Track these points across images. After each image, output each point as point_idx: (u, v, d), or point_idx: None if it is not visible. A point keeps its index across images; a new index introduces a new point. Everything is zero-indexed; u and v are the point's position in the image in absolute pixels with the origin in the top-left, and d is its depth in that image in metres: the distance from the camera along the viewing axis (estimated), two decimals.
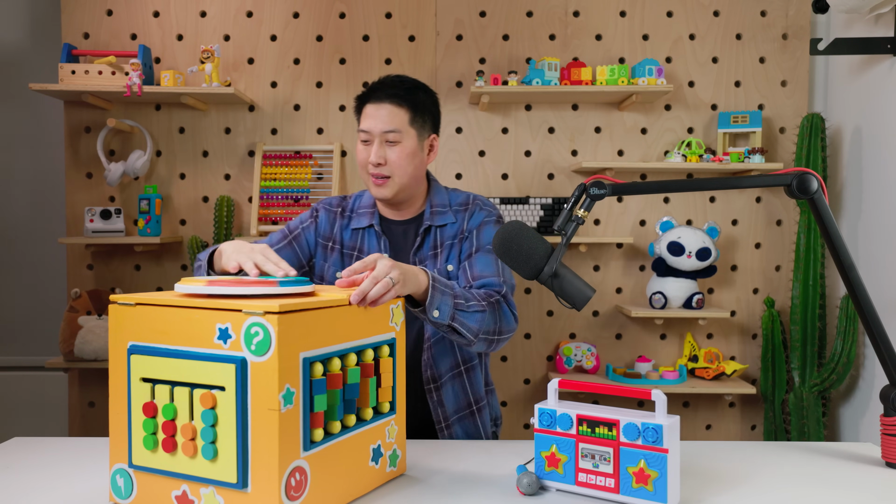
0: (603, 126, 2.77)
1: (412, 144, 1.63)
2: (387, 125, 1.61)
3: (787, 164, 2.73)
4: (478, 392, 1.69)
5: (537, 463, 1.14)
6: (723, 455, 1.35)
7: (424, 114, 1.67)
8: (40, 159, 3.15)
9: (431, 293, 1.33)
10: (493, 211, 1.70)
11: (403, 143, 1.62)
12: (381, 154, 1.61)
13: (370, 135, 1.62)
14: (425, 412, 1.66)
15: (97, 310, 2.65)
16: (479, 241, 1.64)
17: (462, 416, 1.66)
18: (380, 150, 1.61)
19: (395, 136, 1.61)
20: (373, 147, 1.62)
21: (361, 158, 1.64)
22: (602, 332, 2.80)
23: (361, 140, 1.65)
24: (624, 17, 2.76)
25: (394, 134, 1.61)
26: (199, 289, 1.05)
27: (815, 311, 2.59)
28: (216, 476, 0.99)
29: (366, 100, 1.66)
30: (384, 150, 1.61)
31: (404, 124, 1.62)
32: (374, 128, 1.62)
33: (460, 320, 1.39)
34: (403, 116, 1.63)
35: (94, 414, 2.79)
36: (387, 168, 1.62)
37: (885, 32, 2.31)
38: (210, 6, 2.76)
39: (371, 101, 1.64)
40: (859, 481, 1.22)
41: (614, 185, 1.30)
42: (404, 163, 1.62)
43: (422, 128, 1.66)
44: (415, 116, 1.64)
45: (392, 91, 1.63)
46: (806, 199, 1.27)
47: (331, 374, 1.06)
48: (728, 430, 2.81)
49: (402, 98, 1.63)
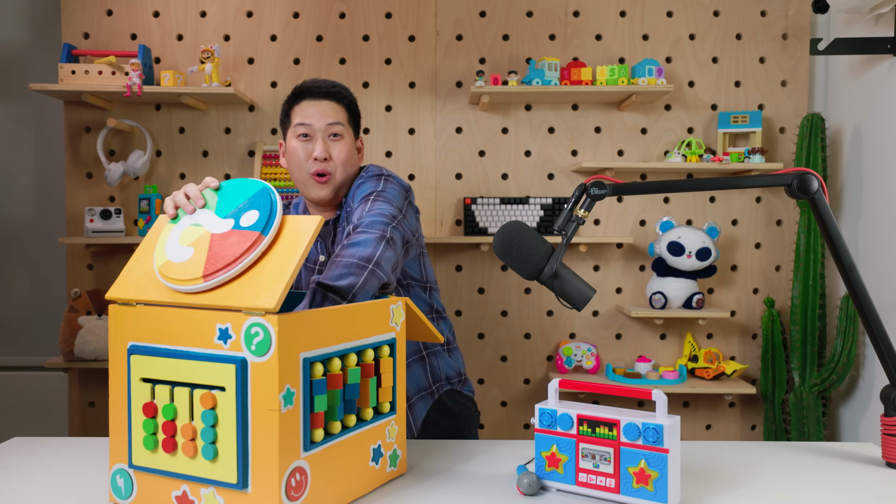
0: (603, 126, 2.77)
1: (350, 142, 1.64)
2: (331, 118, 1.60)
3: (787, 164, 2.73)
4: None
5: (537, 463, 1.14)
6: (723, 455, 1.35)
7: (356, 115, 1.68)
8: (40, 159, 3.15)
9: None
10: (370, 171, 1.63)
11: (345, 138, 1.62)
12: (327, 149, 1.59)
13: (311, 129, 1.60)
14: None
15: (97, 310, 2.65)
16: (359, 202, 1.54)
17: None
18: (324, 144, 1.59)
19: (340, 130, 1.61)
20: (315, 142, 1.60)
21: (301, 155, 1.60)
22: (602, 332, 2.80)
23: (299, 135, 1.61)
24: (624, 17, 2.76)
25: (339, 127, 1.61)
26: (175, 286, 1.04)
27: (815, 311, 2.59)
28: (216, 476, 0.99)
29: (301, 97, 1.63)
30: (328, 146, 1.60)
31: (345, 120, 1.63)
32: (317, 121, 1.60)
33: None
34: (343, 114, 1.63)
35: (94, 414, 2.79)
36: (331, 164, 1.60)
37: (885, 32, 2.31)
38: (210, 6, 2.76)
39: (308, 98, 1.62)
40: (859, 481, 1.22)
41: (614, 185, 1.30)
42: (346, 159, 1.61)
43: (355, 128, 1.67)
44: (349, 116, 1.65)
45: (330, 90, 1.63)
46: (806, 199, 1.27)
47: (331, 375, 1.06)
48: (728, 430, 2.81)
49: (340, 97, 1.64)
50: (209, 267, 1.02)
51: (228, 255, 1.02)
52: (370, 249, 1.36)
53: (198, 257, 1.03)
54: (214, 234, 1.06)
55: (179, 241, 1.07)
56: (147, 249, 1.12)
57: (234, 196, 1.11)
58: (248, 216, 1.06)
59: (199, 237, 1.07)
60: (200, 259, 1.03)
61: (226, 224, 1.07)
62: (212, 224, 1.08)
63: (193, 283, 1.01)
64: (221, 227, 1.07)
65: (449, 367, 1.77)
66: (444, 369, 1.76)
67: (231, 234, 1.05)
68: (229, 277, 1.01)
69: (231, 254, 1.02)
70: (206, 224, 1.08)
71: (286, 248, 1.02)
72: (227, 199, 1.11)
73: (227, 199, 1.11)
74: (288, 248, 1.02)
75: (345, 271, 1.29)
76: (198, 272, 1.01)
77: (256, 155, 2.74)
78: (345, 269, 1.30)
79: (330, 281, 1.27)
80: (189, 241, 1.06)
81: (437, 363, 1.75)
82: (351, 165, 1.64)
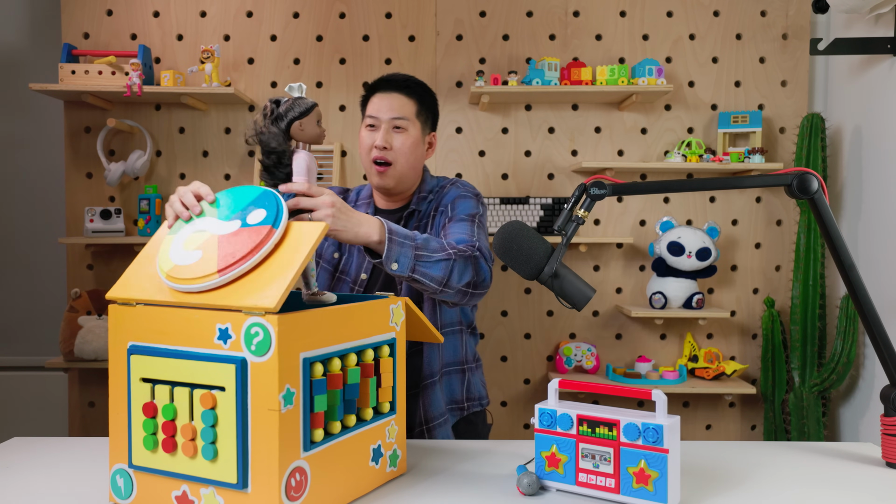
0: (603, 126, 2.77)
1: (416, 135, 1.69)
2: (395, 112, 1.67)
3: (787, 164, 2.73)
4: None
5: (537, 463, 1.14)
6: (723, 455, 1.35)
7: (427, 110, 1.73)
8: (40, 159, 3.15)
9: (388, 245, 1.34)
10: (469, 188, 1.73)
11: (409, 131, 1.68)
12: (388, 139, 1.66)
13: (378, 120, 1.67)
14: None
15: (97, 310, 2.65)
16: (453, 211, 1.65)
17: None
18: (386, 135, 1.66)
19: (402, 124, 1.67)
20: (379, 132, 1.66)
21: (366, 144, 1.68)
22: (602, 332, 2.80)
23: (367, 125, 1.69)
24: (624, 17, 2.76)
25: (401, 121, 1.67)
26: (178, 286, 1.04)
27: (815, 311, 2.59)
28: (216, 476, 0.99)
29: (374, 90, 1.71)
30: (390, 136, 1.66)
31: (411, 114, 1.68)
32: (382, 114, 1.67)
33: (422, 271, 1.39)
34: (411, 107, 1.69)
35: (94, 414, 2.79)
36: (391, 153, 1.66)
37: (885, 32, 2.31)
38: (210, 6, 2.76)
39: (380, 91, 1.70)
40: (859, 481, 1.22)
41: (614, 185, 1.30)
42: (407, 151, 1.67)
43: (425, 122, 1.72)
44: (420, 110, 1.71)
45: (401, 83, 1.70)
46: (806, 199, 1.27)
47: (331, 375, 1.06)
48: (728, 430, 2.81)
49: (410, 90, 1.70)
50: (223, 262, 1.01)
51: (241, 249, 1.02)
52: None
53: (208, 257, 1.03)
54: (222, 236, 1.06)
55: (184, 247, 1.07)
56: (148, 256, 1.12)
57: (235, 201, 1.11)
58: (255, 214, 1.07)
59: (205, 240, 1.06)
60: (212, 257, 1.03)
61: (232, 225, 1.07)
62: (216, 228, 1.08)
63: (209, 280, 1.00)
64: (228, 229, 1.07)
65: (482, 387, 1.79)
66: (477, 388, 1.77)
67: (240, 232, 1.05)
68: (245, 270, 1.00)
69: (244, 248, 1.02)
70: (210, 229, 1.08)
71: (289, 251, 1.02)
72: (227, 206, 1.11)
73: (228, 205, 1.12)
74: (291, 251, 1.02)
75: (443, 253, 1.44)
76: (212, 268, 1.01)
77: (256, 155, 2.74)
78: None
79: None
80: (195, 246, 1.06)
81: (474, 381, 1.76)
82: (415, 158, 1.69)
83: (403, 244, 1.37)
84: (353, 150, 2.76)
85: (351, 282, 1.70)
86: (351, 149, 2.76)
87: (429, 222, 1.70)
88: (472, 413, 1.74)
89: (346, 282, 1.71)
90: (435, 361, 1.66)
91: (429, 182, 1.77)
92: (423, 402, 1.65)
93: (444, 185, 1.75)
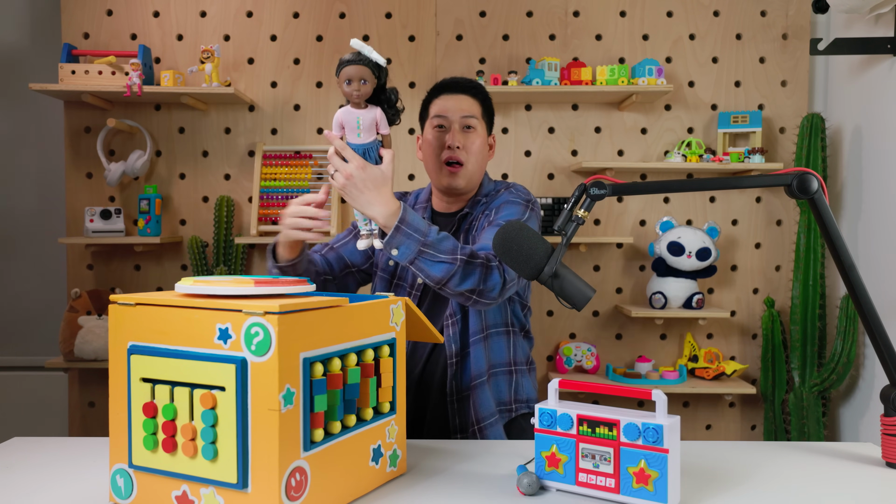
0: (603, 126, 2.77)
1: (483, 135, 1.71)
2: (466, 111, 1.68)
3: (787, 164, 2.73)
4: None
5: (537, 463, 1.14)
6: (723, 455, 1.35)
7: (488, 113, 1.75)
8: (40, 159, 3.15)
9: (393, 232, 1.37)
10: (522, 194, 1.70)
11: (478, 131, 1.69)
12: (461, 138, 1.66)
13: (448, 120, 1.67)
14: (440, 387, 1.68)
15: (97, 310, 2.65)
16: (495, 215, 1.64)
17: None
18: (459, 134, 1.67)
19: (472, 123, 1.68)
20: (450, 132, 1.67)
21: (436, 145, 1.68)
22: (602, 332, 2.80)
23: (435, 126, 1.69)
24: (624, 17, 2.76)
25: (472, 119, 1.68)
26: (198, 289, 1.05)
27: (815, 311, 2.59)
28: (216, 476, 0.99)
29: (440, 92, 1.72)
30: (462, 136, 1.67)
31: (479, 115, 1.70)
32: (453, 113, 1.67)
33: (420, 266, 1.41)
34: (477, 108, 1.71)
35: (94, 414, 2.79)
36: (463, 153, 1.66)
37: (885, 32, 2.31)
38: (210, 6, 2.76)
39: (446, 92, 1.71)
40: (859, 481, 1.22)
41: (614, 185, 1.30)
42: (477, 151, 1.68)
43: (488, 124, 1.73)
44: (484, 111, 1.72)
45: (467, 85, 1.71)
46: (806, 199, 1.27)
47: (331, 375, 1.06)
48: (728, 430, 2.81)
49: (476, 92, 1.72)
50: (259, 281, 1.05)
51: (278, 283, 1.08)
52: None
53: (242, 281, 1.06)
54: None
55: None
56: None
57: None
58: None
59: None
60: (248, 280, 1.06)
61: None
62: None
63: (244, 286, 1.03)
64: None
65: (532, 389, 1.78)
66: (527, 390, 1.76)
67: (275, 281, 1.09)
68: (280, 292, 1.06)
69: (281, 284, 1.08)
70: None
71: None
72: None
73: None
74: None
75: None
76: (248, 282, 1.04)
77: (256, 155, 2.74)
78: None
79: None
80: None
81: (523, 382, 1.75)
82: (482, 158, 1.71)
83: (410, 236, 1.39)
84: None
85: (408, 286, 1.71)
86: None
87: (475, 224, 1.69)
88: (520, 415, 1.74)
89: (403, 287, 1.72)
90: (482, 363, 1.66)
91: (486, 185, 1.76)
92: (474, 402, 1.65)
93: (500, 189, 1.73)
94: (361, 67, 1.29)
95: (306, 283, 1.13)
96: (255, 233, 2.68)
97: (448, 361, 1.65)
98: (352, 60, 1.30)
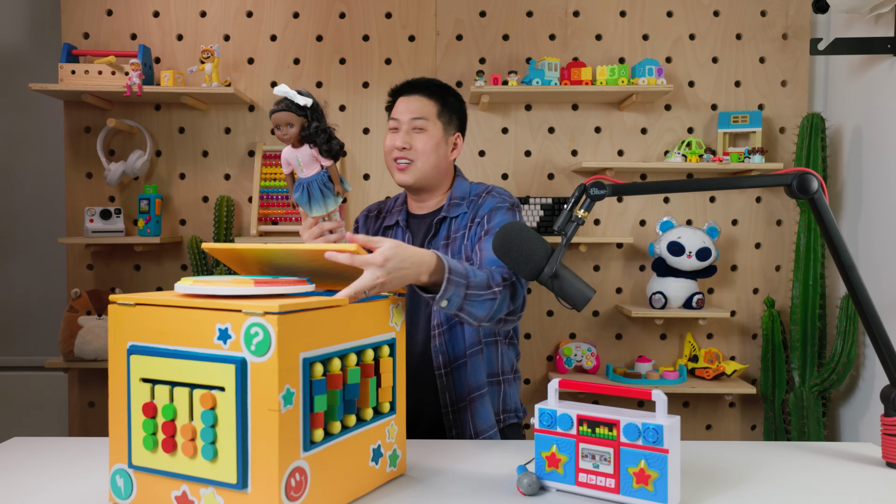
0: (603, 126, 2.77)
1: (437, 135, 1.72)
2: (415, 113, 1.71)
3: (787, 164, 2.73)
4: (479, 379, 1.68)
5: (537, 463, 1.14)
6: (723, 455, 1.35)
7: (451, 112, 1.76)
8: (40, 159, 3.15)
9: (445, 286, 1.32)
10: (506, 198, 1.71)
11: (429, 131, 1.71)
12: (407, 140, 1.70)
13: (399, 122, 1.71)
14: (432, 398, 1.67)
15: (97, 310, 2.65)
16: (489, 224, 1.65)
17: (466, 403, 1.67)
18: (406, 136, 1.70)
19: (422, 124, 1.70)
20: (399, 133, 1.71)
21: (388, 145, 1.73)
22: (602, 332, 2.80)
23: (390, 128, 1.74)
24: (624, 17, 2.76)
25: (421, 121, 1.70)
26: (198, 289, 1.05)
27: (815, 311, 2.58)
28: (216, 476, 0.99)
29: (397, 95, 1.77)
30: (410, 137, 1.70)
31: (432, 115, 1.72)
32: (402, 115, 1.71)
33: (468, 310, 1.39)
34: (432, 108, 1.72)
35: (94, 414, 2.79)
36: (411, 153, 1.70)
37: (885, 32, 2.31)
38: (210, 6, 2.76)
39: (402, 94, 1.75)
40: (859, 481, 1.22)
41: (614, 185, 1.30)
42: (428, 150, 1.70)
43: (448, 123, 1.75)
44: (442, 111, 1.74)
45: (424, 85, 1.75)
46: (806, 199, 1.27)
47: (331, 375, 1.06)
48: (728, 430, 2.81)
49: (432, 92, 1.74)
50: (259, 281, 1.05)
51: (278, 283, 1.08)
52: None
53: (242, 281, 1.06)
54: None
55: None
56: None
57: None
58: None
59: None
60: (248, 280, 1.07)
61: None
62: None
63: (244, 286, 1.03)
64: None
65: (517, 398, 1.78)
66: (514, 400, 1.75)
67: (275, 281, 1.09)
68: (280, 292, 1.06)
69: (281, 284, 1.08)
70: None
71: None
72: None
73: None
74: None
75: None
76: (248, 282, 1.05)
77: (256, 155, 2.74)
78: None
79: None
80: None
81: (510, 392, 1.75)
82: (437, 157, 1.72)
83: (458, 283, 1.34)
84: (353, 149, 2.76)
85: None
86: (351, 149, 2.76)
87: (465, 233, 1.69)
88: (507, 426, 1.73)
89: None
90: (480, 374, 1.66)
91: (460, 187, 1.76)
92: (472, 414, 1.65)
93: (481, 194, 1.73)
94: (284, 113, 1.36)
95: (306, 283, 1.13)
96: (255, 233, 2.68)
97: (436, 373, 1.66)
98: (275, 109, 1.37)
